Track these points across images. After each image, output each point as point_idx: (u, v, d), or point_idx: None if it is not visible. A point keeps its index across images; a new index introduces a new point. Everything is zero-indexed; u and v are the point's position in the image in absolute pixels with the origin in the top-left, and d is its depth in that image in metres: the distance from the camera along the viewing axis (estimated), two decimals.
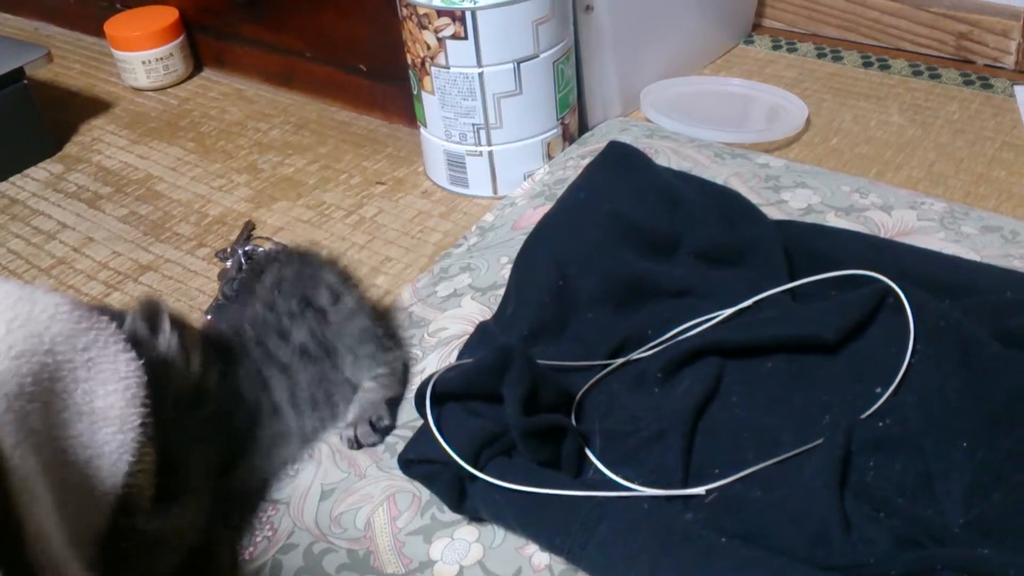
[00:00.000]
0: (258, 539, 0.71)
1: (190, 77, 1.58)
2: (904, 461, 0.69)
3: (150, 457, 0.60)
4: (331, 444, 0.77)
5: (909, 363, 0.75)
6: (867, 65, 1.40)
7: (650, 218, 0.93)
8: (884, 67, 1.39)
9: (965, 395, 0.72)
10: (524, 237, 0.94)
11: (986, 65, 1.36)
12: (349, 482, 0.73)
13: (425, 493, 0.71)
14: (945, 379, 0.74)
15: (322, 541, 0.70)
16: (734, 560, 0.61)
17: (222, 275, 1.09)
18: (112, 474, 0.57)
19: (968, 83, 1.33)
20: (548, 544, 0.65)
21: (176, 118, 1.47)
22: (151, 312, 0.64)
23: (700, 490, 0.68)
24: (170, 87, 1.56)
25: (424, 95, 1.15)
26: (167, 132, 1.43)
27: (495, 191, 1.18)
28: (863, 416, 0.73)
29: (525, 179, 1.14)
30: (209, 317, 0.82)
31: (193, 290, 1.09)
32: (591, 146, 1.14)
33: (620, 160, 1.02)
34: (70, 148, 1.42)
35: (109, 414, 0.57)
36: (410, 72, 1.17)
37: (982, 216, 0.96)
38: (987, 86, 1.31)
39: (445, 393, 0.72)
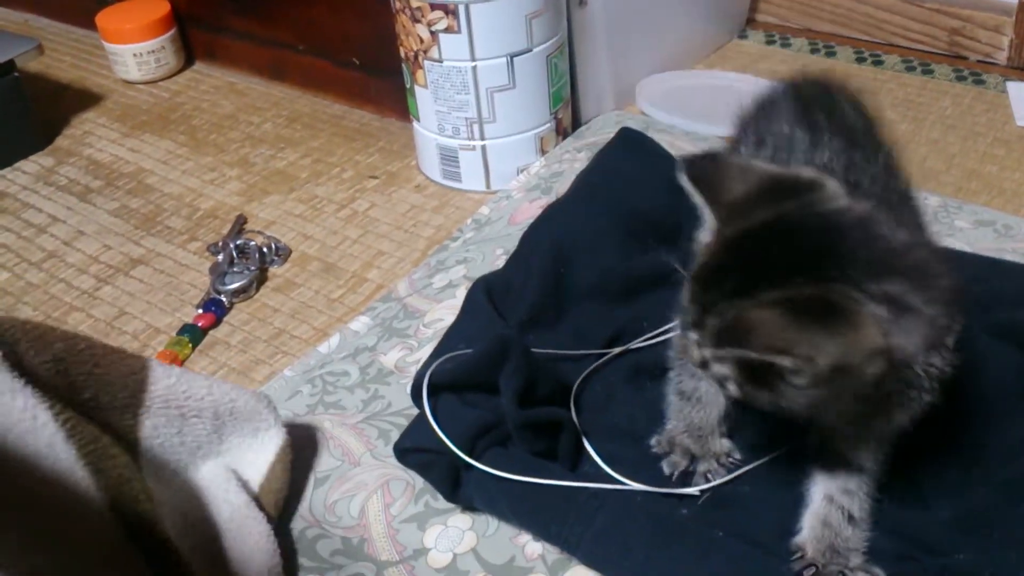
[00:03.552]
0: None
1: (181, 70, 1.57)
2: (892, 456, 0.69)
3: None
4: (324, 430, 0.77)
5: None
6: (860, 60, 1.41)
7: (657, 206, 0.93)
8: (877, 62, 1.40)
9: (955, 391, 0.72)
10: (520, 231, 0.94)
11: (978, 61, 1.36)
12: (343, 470, 0.73)
13: (419, 481, 0.71)
14: None
15: (316, 527, 0.70)
16: (728, 555, 0.62)
17: (213, 269, 1.08)
18: None
19: (960, 79, 1.33)
20: (544, 533, 0.65)
21: (167, 111, 1.46)
22: None
23: (694, 490, 0.68)
24: (161, 80, 1.55)
25: (417, 89, 1.15)
26: (158, 125, 1.43)
27: (488, 185, 1.18)
28: None
29: (518, 173, 1.14)
30: None
31: (184, 284, 1.08)
32: (586, 140, 1.14)
33: (633, 146, 1.02)
34: (61, 141, 1.41)
35: None
36: (403, 66, 1.16)
37: (975, 210, 0.97)
38: (979, 82, 1.32)
39: (441, 383, 0.71)
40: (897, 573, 0.61)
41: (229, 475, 0.64)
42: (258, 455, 0.67)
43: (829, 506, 0.61)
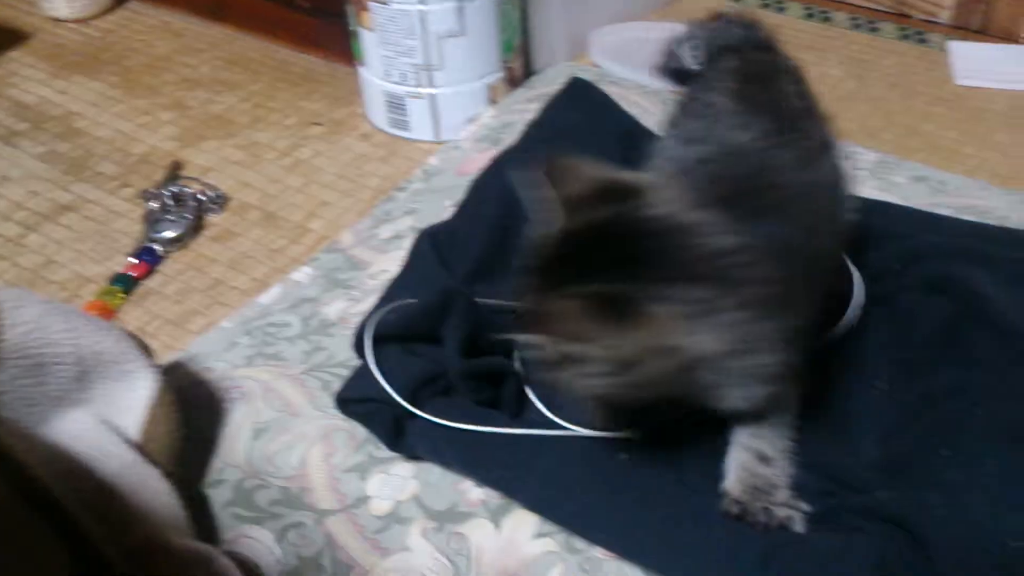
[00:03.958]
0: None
1: (113, 8, 1.50)
2: (822, 402, 0.71)
3: None
4: (263, 381, 0.75)
5: None
6: (809, 16, 1.41)
7: (605, 159, 0.92)
8: (825, 19, 1.40)
9: (884, 339, 0.74)
10: (468, 182, 0.92)
11: (922, 20, 1.38)
12: (283, 421, 0.72)
13: (361, 431, 0.70)
14: (864, 324, 0.76)
15: (254, 478, 0.69)
16: (667, 498, 0.63)
17: (147, 216, 1.04)
18: None
19: (905, 37, 1.35)
20: (487, 479, 0.65)
21: (98, 51, 1.40)
22: None
23: (631, 433, 0.68)
24: (92, 18, 1.48)
25: (363, 32, 1.11)
26: (89, 66, 1.36)
27: (437, 135, 1.15)
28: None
29: (468, 123, 1.12)
30: None
31: (116, 232, 1.04)
32: (537, 90, 1.12)
33: (582, 97, 1.01)
34: None
35: None
36: (348, 8, 1.12)
37: (912, 167, 0.99)
38: (922, 40, 1.33)
39: (385, 334, 0.70)
40: (820, 510, 0.63)
41: (103, 426, 0.61)
42: (131, 401, 0.64)
43: (743, 451, 0.64)
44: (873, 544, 0.59)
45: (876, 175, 0.96)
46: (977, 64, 1.26)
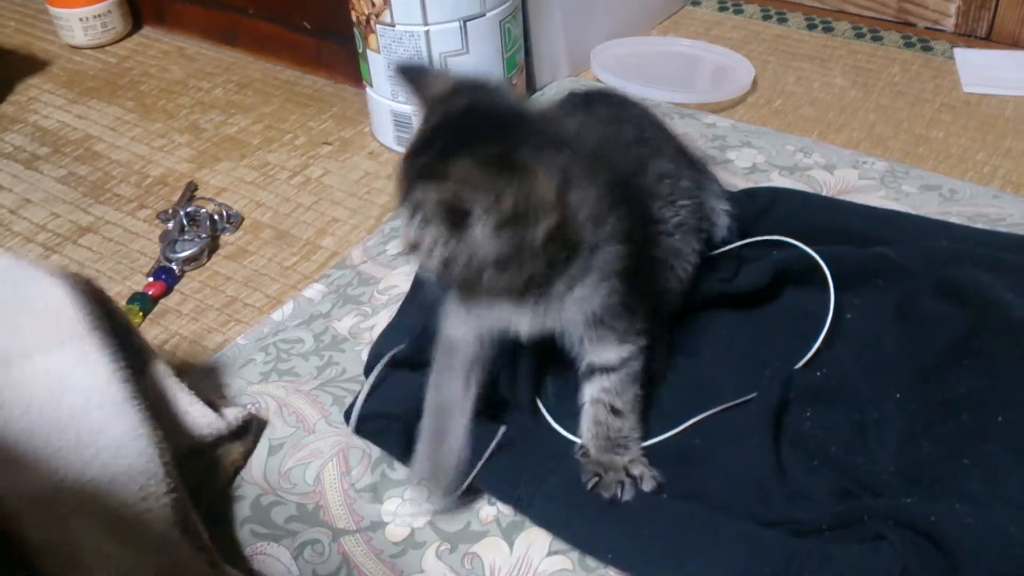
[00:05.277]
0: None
1: (129, 35, 1.54)
2: (840, 411, 0.71)
3: None
4: (278, 398, 0.77)
5: (845, 319, 0.77)
6: (811, 27, 1.42)
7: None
8: (828, 29, 1.41)
9: (900, 348, 0.74)
10: None
11: (927, 28, 1.38)
12: (298, 437, 0.73)
13: (375, 450, 0.71)
14: (880, 333, 0.76)
15: (270, 494, 0.70)
16: (675, 516, 0.63)
17: (164, 237, 1.07)
18: None
19: (909, 45, 1.35)
20: (497, 493, 0.66)
21: (115, 77, 1.43)
22: None
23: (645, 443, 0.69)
24: (108, 45, 1.51)
25: (369, 54, 1.14)
26: (106, 91, 1.39)
27: None
28: (798, 366, 0.75)
29: None
30: None
31: (134, 252, 1.07)
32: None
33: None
34: (5, 108, 1.37)
35: None
36: (355, 30, 1.15)
37: (921, 175, 0.99)
38: (927, 48, 1.34)
39: (395, 356, 0.72)
40: (841, 512, 0.62)
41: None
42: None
43: (595, 406, 0.68)
44: (897, 553, 0.58)
45: (885, 184, 0.97)
46: (985, 71, 1.26)
